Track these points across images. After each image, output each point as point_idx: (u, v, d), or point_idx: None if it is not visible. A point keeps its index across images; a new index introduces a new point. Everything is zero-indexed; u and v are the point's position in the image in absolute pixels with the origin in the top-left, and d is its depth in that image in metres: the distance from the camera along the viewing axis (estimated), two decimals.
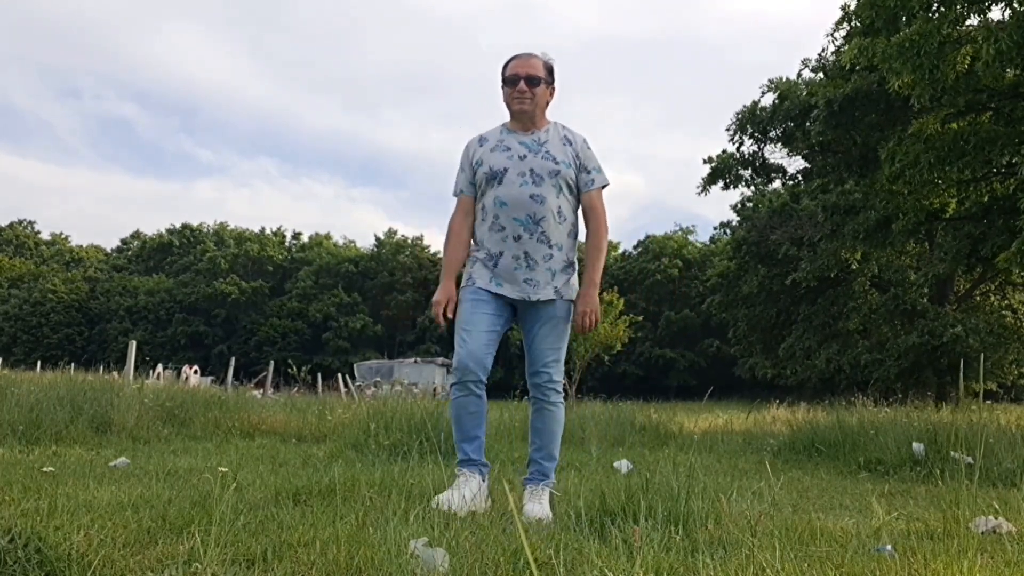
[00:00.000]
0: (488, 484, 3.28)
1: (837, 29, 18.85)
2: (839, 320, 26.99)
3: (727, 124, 22.88)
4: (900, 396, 12.76)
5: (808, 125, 19.82)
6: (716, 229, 51.13)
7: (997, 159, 12.76)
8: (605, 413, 9.27)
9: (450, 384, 3.31)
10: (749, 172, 23.87)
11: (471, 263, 3.35)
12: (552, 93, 3.39)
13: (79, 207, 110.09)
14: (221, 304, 58.66)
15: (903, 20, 10.62)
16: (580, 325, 3.22)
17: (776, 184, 27.09)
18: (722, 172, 23.63)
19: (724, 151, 23.91)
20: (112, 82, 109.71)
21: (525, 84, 3.26)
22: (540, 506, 3.12)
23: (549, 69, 3.36)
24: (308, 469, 4.44)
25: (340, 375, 20.06)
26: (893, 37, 10.15)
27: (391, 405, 6.41)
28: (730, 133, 22.88)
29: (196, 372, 21.54)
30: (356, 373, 33.15)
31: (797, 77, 22.71)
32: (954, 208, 18.52)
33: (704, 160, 24.03)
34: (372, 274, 61.24)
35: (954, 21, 10.15)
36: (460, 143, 3.49)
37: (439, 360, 40.56)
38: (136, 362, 10.74)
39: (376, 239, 64.73)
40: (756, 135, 22.59)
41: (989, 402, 16.65)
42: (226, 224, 68.34)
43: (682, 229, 59.08)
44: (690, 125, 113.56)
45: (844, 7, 17.83)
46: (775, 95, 21.98)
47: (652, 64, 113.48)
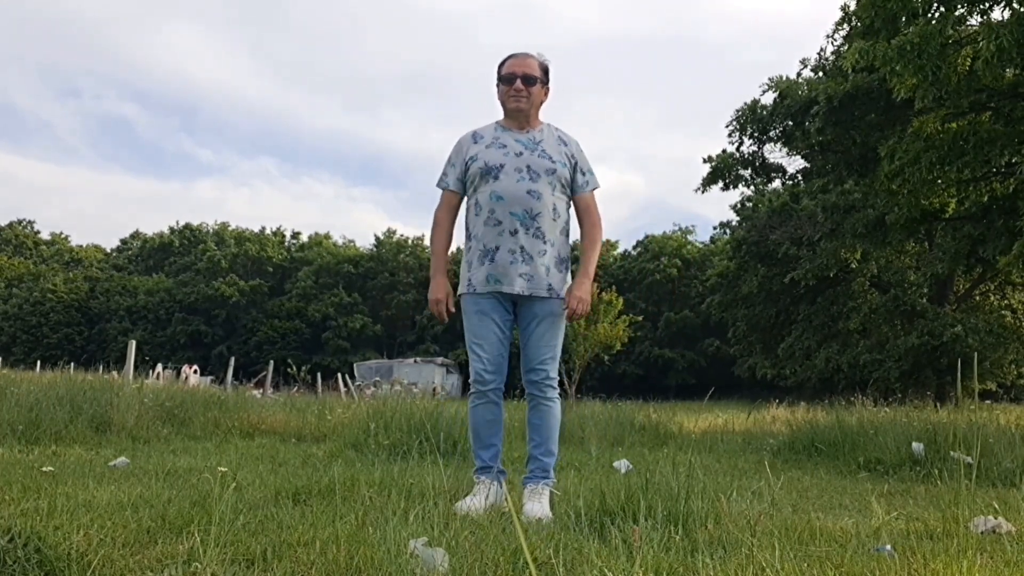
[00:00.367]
0: (505, 490, 3.30)
1: (837, 29, 18.88)
2: (839, 320, 26.99)
3: (727, 122, 22.92)
4: (900, 396, 12.77)
5: (808, 124, 19.81)
6: (716, 229, 51.05)
7: (997, 159, 12.75)
8: (605, 413, 9.28)
9: (469, 393, 3.35)
10: (749, 172, 23.83)
11: (466, 261, 3.36)
12: (547, 93, 3.41)
13: (79, 207, 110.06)
14: (221, 304, 58.63)
15: (903, 21, 10.61)
16: (571, 311, 3.22)
17: (776, 184, 27.08)
18: (722, 172, 23.60)
19: (724, 151, 23.89)
20: (112, 82, 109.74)
21: (522, 83, 3.28)
22: (540, 505, 3.13)
23: (545, 69, 3.37)
24: (308, 469, 4.44)
25: (340, 375, 20.08)
26: (894, 40, 10.12)
27: (391, 405, 6.41)
28: (730, 131, 22.88)
29: (196, 372, 21.54)
30: (356, 373, 33.18)
31: (797, 77, 22.71)
32: (954, 208, 18.51)
33: (703, 160, 24.03)
34: (372, 274, 61.17)
35: (955, 22, 10.14)
36: None
37: (439, 360, 40.63)
38: (136, 362, 10.74)
39: (376, 239, 64.72)
40: (756, 134, 22.56)
41: (988, 402, 16.66)
42: (227, 224, 68.32)
43: (682, 229, 58.98)
44: (690, 125, 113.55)
45: (844, 7, 17.84)
46: (775, 93, 21.97)
47: (652, 64, 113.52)
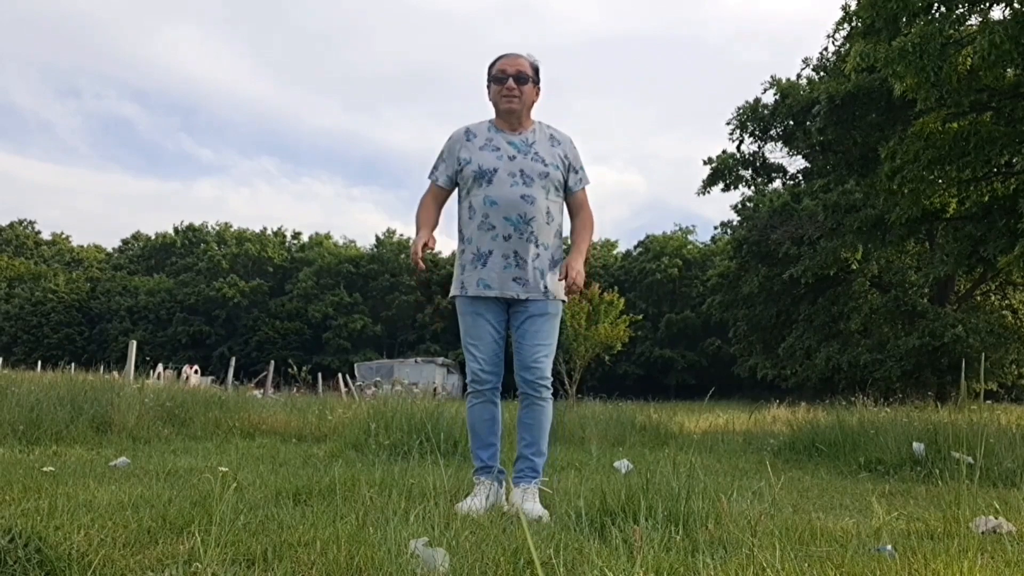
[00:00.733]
0: (504, 489, 3.32)
1: (838, 29, 18.86)
2: (840, 320, 26.99)
3: (727, 121, 22.92)
4: (900, 396, 12.77)
5: (809, 123, 19.81)
6: (716, 229, 51.11)
7: (997, 158, 12.75)
8: (605, 413, 9.28)
9: (467, 393, 3.37)
10: (749, 172, 23.84)
11: (459, 264, 3.36)
12: (538, 93, 3.39)
13: (80, 207, 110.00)
14: (222, 304, 58.65)
15: (904, 21, 10.61)
16: (570, 283, 3.19)
17: (776, 184, 27.09)
18: (722, 173, 23.60)
19: (724, 151, 23.89)
20: (112, 82, 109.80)
21: (514, 81, 3.27)
22: (535, 505, 3.15)
23: (535, 69, 3.36)
24: (308, 469, 4.44)
25: (340, 375, 20.09)
26: (895, 40, 10.12)
27: (391, 405, 6.40)
28: (731, 130, 22.88)
29: (196, 372, 21.54)
30: (356, 373, 33.17)
31: (797, 78, 22.71)
32: (954, 208, 18.51)
33: (704, 161, 24.04)
34: (373, 274, 61.20)
35: (955, 22, 10.14)
36: None
37: (439, 360, 40.59)
38: (136, 362, 10.75)
39: (376, 239, 64.73)
40: (757, 133, 22.57)
41: (989, 402, 16.67)
42: (229, 225, 68.35)
43: (682, 229, 58.95)
44: (690, 125, 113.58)
45: (845, 7, 17.82)
46: (776, 93, 21.96)
47: (652, 64, 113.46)
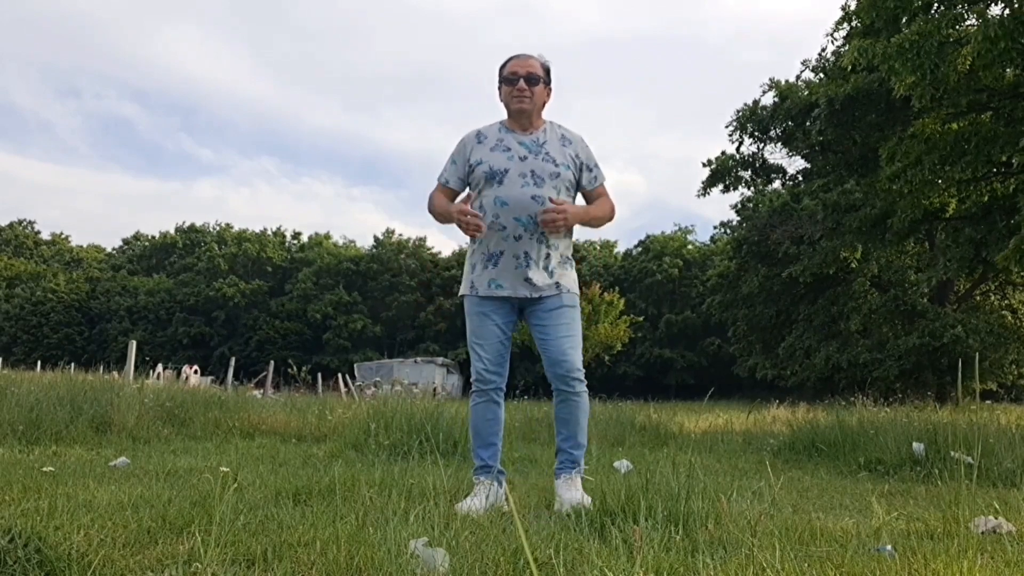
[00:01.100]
0: (505, 490, 3.31)
1: (837, 29, 18.81)
2: (839, 320, 27.01)
3: (727, 122, 22.92)
4: (900, 396, 12.76)
5: (808, 124, 19.80)
6: (716, 229, 51.08)
7: (997, 158, 12.75)
8: (605, 413, 9.27)
9: (470, 392, 3.37)
10: (749, 173, 23.84)
11: (470, 263, 3.37)
12: (549, 94, 3.40)
13: (79, 207, 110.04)
14: (221, 304, 58.63)
15: (903, 20, 10.61)
16: (550, 211, 3.11)
17: (776, 184, 27.09)
18: (722, 175, 23.60)
19: (724, 152, 23.90)
20: (112, 82, 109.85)
21: (525, 83, 3.27)
22: (576, 492, 3.16)
23: (547, 70, 3.37)
24: (308, 469, 4.44)
25: (340, 375, 20.09)
26: (893, 38, 10.12)
27: (391, 405, 6.39)
28: (730, 131, 22.88)
29: (196, 372, 21.54)
30: (356, 373, 33.19)
31: (796, 79, 22.69)
32: (954, 208, 18.51)
33: (703, 163, 24.03)
34: (372, 274, 61.18)
35: (953, 20, 10.14)
36: None
37: (439, 360, 40.62)
38: (136, 362, 10.75)
39: (376, 239, 64.69)
40: (756, 134, 22.57)
41: (989, 402, 16.66)
42: (230, 225, 68.37)
43: (682, 229, 58.96)
44: (690, 125, 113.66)
45: (844, 7, 17.81)
46: (775, 95, 21.96)
47: (652, 64, 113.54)
